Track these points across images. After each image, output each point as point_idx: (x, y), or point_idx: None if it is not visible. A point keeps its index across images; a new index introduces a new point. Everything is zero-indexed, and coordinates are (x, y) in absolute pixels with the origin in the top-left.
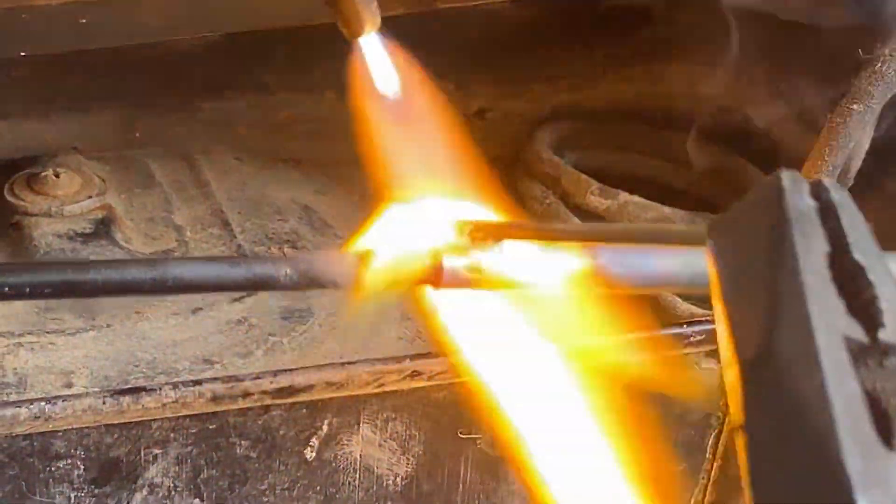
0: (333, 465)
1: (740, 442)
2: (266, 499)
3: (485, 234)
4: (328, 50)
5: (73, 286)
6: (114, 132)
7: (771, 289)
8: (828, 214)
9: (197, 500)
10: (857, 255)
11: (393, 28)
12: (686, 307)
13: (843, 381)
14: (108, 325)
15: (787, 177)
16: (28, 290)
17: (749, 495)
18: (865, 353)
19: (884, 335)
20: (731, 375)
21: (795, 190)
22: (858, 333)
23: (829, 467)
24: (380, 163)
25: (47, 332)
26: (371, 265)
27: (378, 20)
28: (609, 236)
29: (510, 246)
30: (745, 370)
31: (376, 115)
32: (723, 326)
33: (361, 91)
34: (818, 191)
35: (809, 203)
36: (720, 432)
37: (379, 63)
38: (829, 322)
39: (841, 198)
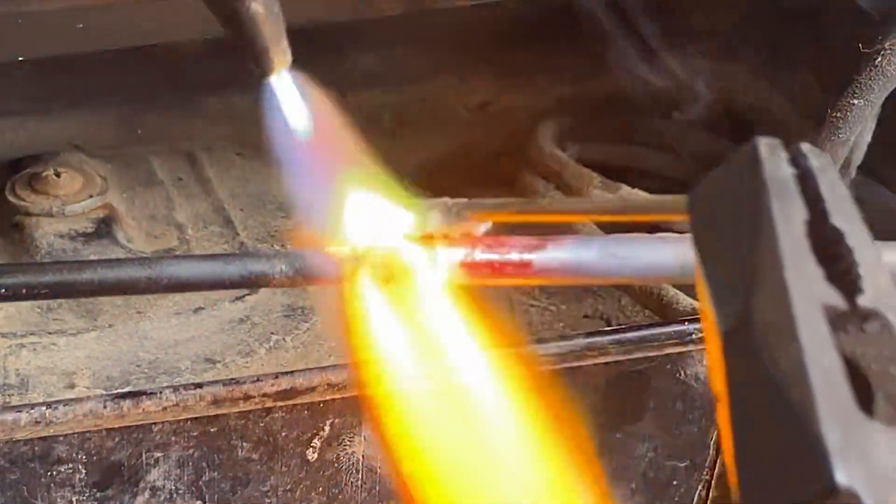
0: (336, 465)
1: (721, 412)
2: (268, 500)
3: (473, 215)
4: (330, 45)
5: (69, 286)
6: (115, 130)
7: (749, 259)
8: (806, 181)
9: (199, 503)
10: (836, 221)
11: (394, 23)
12: (688, 301)
13: (821, 351)
14: (110, 326)
15: (764, 143)
16: (25, 290)
17: (731, 466)
18: (845, 320)
19: (863, 300)
20: (713, 346)
21: (773, 157)
22: (837, 300)
23: (808, 440)
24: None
25: (49, 333)
26: (366, 261)
27: (289, 58)
28: (598, 209)
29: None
30: (725, 341)
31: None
32: (704, 297)
33: (274, 130)
34: (797, 157)
35: (788, 170)
36: None
37: (291, 102)
38: (808, 291)
39: (820, 163)
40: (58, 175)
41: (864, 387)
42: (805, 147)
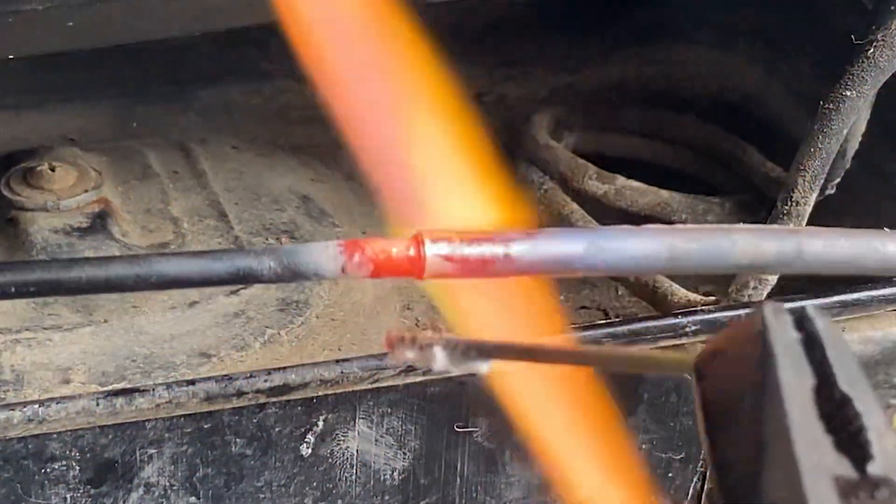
0: (330, 461)
1: None
2: (263, 496)
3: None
4: None
5: (57, 284)
6: (110, 123)
7: (757, 429)
8: (812, 345)
9: (193, 499)
10: (844, 387)
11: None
12: (683, 294)
13: None
14: (105, 321)
15: (769, 310)
16: (13, 289)
17: None
18: (855, 489)
19: (872, 468)
20: None
21: (779, 322)
22: (847, 469)
23: None
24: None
25: (44, 329)
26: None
27: None
28: (597, 360)
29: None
30: None
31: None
32: (710, 464)
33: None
34: (802, 321)
35: (793, 335)
36: None
37: None
38: (817, 462)
39: (825, 326)
40: (52, 169)
41: None
42: (810, 310)
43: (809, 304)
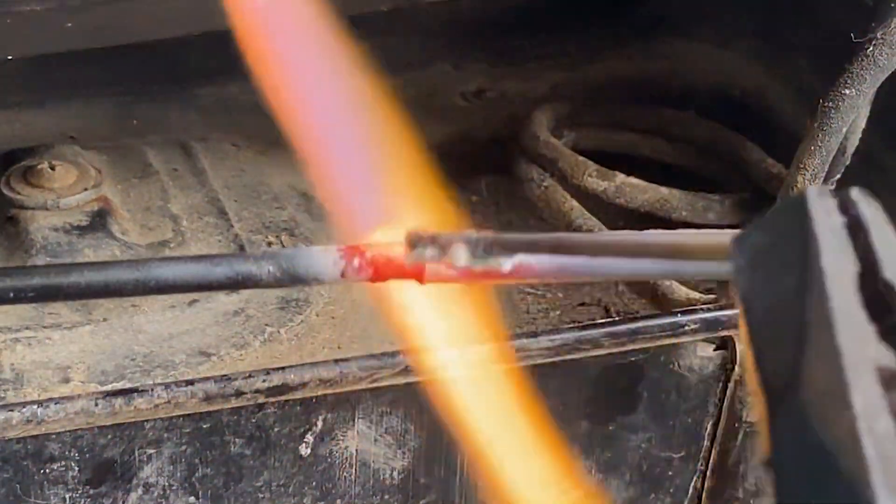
0: (329, 460)
1: (769, 478)
2: (262, 496)
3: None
4: None
5: (56, 290)
6: (110, 121)
7: (799, 316)
8: (857, 230)
9: (192, 499)
10: (888, 274)
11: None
12: (684, 292)
13: (874, 417)
14: (105, 320)
15: (812, 192)
16: (12, 294)
17: None
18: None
19: None
20: (759, 406)
21: (822, 205)
22: (890, 360)
23: None
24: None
25: (44, 327)
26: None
27: None
28: (625, 249)
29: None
30: (772, 403)
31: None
32: (749, 352)
33: None
34: (846, 205)
35: (837, 219)
36: (718, 419)
37: None
38: (860, 351)
39: (871, 211)
40: (52, 168)
41: None
42: (855, 194)
43: (854, 189)
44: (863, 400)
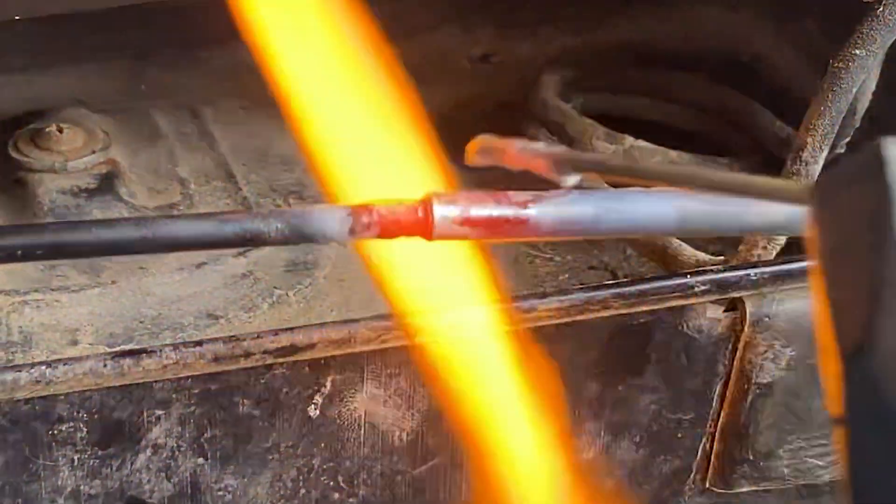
0: (338, 422)
1: (839, 435)
2: (270, 457)
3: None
4: None
5: (64, 247)
6: (119, 85)
7: (873, 274)
8: None
9: (201, 460)
10: None
11: None
12: (691, 253)
13: None
14: (113, 282)
15: (890, 145)
16: (20, 252)
17: (849, 491)
18: None
19: None
20: (831, 364)
21: None
22: None
23: None
24: None
25: (52, 290)
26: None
27: None
28: (699, 181)
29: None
30: (846, 361)
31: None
32: (822, 307)
33: None
34: None
35: None
36: (727, 381)
37: None
38: None
39: None
40: (60, 131)
41: None
42: None
43: None
44: None
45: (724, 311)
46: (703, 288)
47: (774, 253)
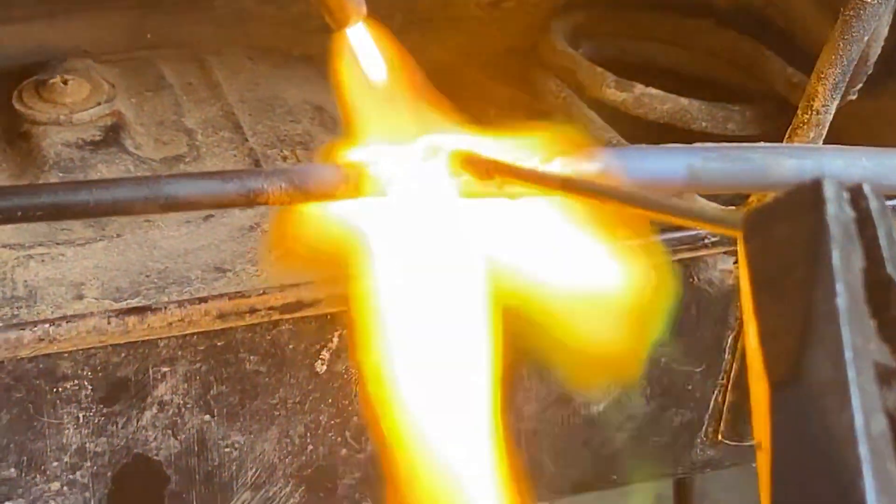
0: (345, 377)
1: (762, 460)
2: (277, 413)
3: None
4: None
5: (64, 208)
6: (124, 34)
7: (807, 308)
8: (865, 225)
9: (207, 417)
10: (890, 269)
11: None
12: (703, 203)
13: (871, 416)
14: (119, 235)
15: (829, 185)
16: (20, 213)
17: None
18: (891, 376)
19: None
20: (759, 391)
21: (836, 199)
22: (886, 357)
23: None
24: None
25: (57, 244)
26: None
27: (363, 9)
28: (643, 204)
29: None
30: (774, 391)
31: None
32: (753, 334)
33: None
34: (858, 199)
35: (849, 213)
36: (739, 333)
37: (366, 53)
38: (862, 348)
39: (879, 207)
40: (65, 82)
41: None
42: (867, 189)
43: (866, 183)
44: (862, 396)
45: (735, 262)
46: (713, 240)
47: None
